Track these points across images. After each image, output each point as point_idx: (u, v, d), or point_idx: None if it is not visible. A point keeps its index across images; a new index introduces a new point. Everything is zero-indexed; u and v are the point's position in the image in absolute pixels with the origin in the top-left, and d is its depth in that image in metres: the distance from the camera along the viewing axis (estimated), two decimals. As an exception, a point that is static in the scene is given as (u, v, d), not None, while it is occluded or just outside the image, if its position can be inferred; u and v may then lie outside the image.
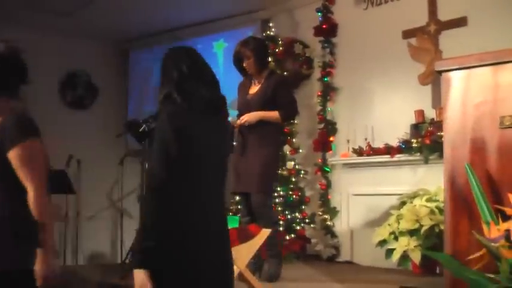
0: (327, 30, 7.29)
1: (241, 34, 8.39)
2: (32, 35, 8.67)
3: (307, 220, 7.04)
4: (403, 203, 5.72)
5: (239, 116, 5.36)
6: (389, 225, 5.59)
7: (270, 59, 5.78)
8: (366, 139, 6.65)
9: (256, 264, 5.18)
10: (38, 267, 2.68)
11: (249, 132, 5.26)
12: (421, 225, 5.28)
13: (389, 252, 5.50)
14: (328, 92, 7.20)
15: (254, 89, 5.37)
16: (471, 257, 2.57)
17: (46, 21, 8.56)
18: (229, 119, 5.27)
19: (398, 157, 6.25)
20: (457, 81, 2.89)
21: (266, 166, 5.15)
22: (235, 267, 3.87)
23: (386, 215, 5.95)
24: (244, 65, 5.34)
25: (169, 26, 9.04)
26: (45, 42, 8.83)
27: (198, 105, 2.79)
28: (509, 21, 5.69)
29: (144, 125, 6.03)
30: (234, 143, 5.45)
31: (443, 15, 6.28)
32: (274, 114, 5.20)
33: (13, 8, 8.03)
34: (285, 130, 6.97)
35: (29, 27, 8.57)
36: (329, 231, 6.93)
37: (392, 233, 5.51)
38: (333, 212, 7.01)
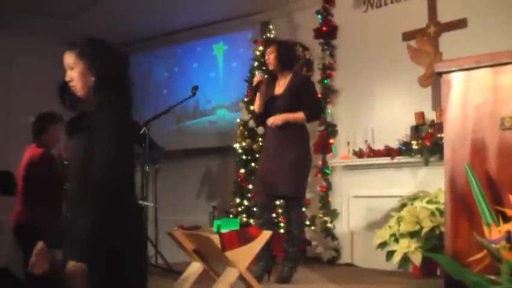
0: (327, 33, 7.29)
1: (241, 37, 8.43)
2: (31, 39, 8.70)
3: (307, 222, 7.03)
4: (403, 205, 5.72)
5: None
6: (389, 227, 5.58)
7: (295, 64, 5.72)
8: (366, 141, 6.65)
9: (264, 267, 5.19)
10: None
11: (275, 135, 5.28)
12: (422, 227, 5.28)
13: (390, 254, 5.50)
14: (328, 94, 7.20)
15: (279, 89, 5.36)
16: (472, 258, 2.56)
17: (45, 25, 8.57)
18: None
19: (398, 159, 6.25)
20: (457, 83, 2.89)
21: (298, 168, 5.20)
22: (236, 270, 3.88)
23: (386, 217, 5.95)
24: (265, 58, 5.34)
25: (168, 29, 9.06)
26: (44, 46, 8.83)
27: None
28: (508, 23, 5.69)
29: (144, 128, 6.03)
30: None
31: (443, 17, 6.28)
32: (299, 116, 5.21)
33: (13, 13, 8.04)
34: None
35: (29, 31, 8.59)
36: (329, 234, 6.92)
37: (393, 235, 5.51)
38: (333, 214, 7.00)
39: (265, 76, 5.42)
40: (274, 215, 6.73)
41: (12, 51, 8.60)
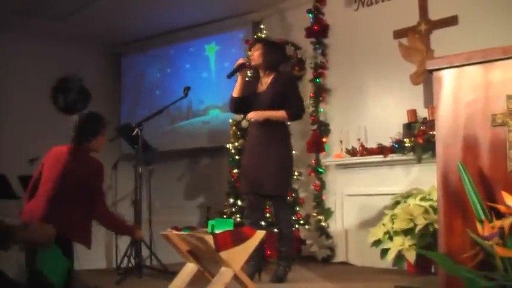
0: (318, 32, 7.30)
1: (233, 37, 8.43)
2: (25, 41, 8.70)
3: (301, 221, 7.03)
4: (397, 203, 5.73)
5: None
6: (383, 225, 5.59)
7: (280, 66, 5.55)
8: (359, 139, 6.66)
9: (254, 266, 5.18)
10: None
11: (257, 133, 5.25)
12: (416, 225, 5.29)
13: (384, 252, 5.50)
14: (320, 93, 7.20)
15: (261, 87, 5.32)
16: (465, 255, 2.57)
17: (39, 26, 8.56)
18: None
19: (391, 157, 6.26)
20: (448, 80, 2.89)
21: (281, 167, 5.16)
22: (230, 270, 3.87)
23: (380, 215, 5.95)
24: (249, 53, 5.31)
25: (161, 30, 9.06)
26: (37, 47, 8.83)
27: None
28: (499, 19, 5.71)
29: (136, 129, 6.02)
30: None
31: (434, 14, 6.30)
32: (281, 114, 5.16)
33: (5, 14, 8.02)
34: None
35: (22, 33, 8.57)
36: (324, 232, 6.92)
37: (387, 232, 5.51)
38: (328, 213, 7.01)
39: (248, 60, 5.36)
40: (268, 214, 6.73)
41: (7, 53, 8.59)
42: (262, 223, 5.78)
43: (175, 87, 8.19)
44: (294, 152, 7.10)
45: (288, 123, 5.41)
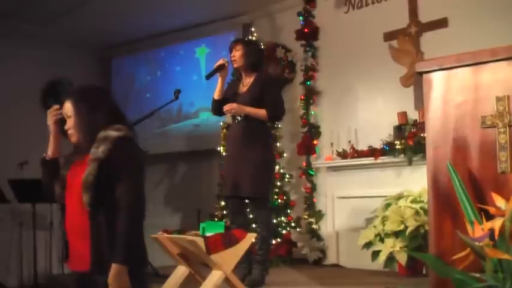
0: (309, 34, 7.31)
1: (223, 39, 8.41)
2: (14, 44, 8.65)
3: (292, 224, 7.04)
4: (388, 205, 5.73)
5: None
6: (374, 227, 5.60)
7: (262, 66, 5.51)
8: (349, 142, 6.67)
9: (246, 269, 5.13)
10: None
11: (237, 135, 5.21)
12: (406, 227, 5.30)
13: (375, 254, 5.51)
14: (311, 95, 7.21)
15: (243, 88, 5.26)
16: (456, 256, 2.57)
17: (28, 29, 8.53)
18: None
19: (382, 159, 6.27)
20: (438, 82, 2.90)
21: (261, 168, 5.06)
22: (221, 273, 3.87)
23: (371, 217, 5.96)
24: (231, 55, 5.27)
25: (151, 33, 9.04)
26: (27, 50, 8.79)
27: None
28: (489, 22, 5.73)
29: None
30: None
31: (424, 16, 6.32)
32: (261, 112, 5.10)
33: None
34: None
35: (11, 36, 8.53)
36: (315, 235, 6.93)
37: (378, 234, 5.52)
38: (319, 215, 7.01)
39: (228, 62, 5.28)
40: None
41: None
42: (254, 225, 5.75)
43: (166, 90, 8.18)
44: (285, 154, 7.18)
45: (269, 124, 5.38)
